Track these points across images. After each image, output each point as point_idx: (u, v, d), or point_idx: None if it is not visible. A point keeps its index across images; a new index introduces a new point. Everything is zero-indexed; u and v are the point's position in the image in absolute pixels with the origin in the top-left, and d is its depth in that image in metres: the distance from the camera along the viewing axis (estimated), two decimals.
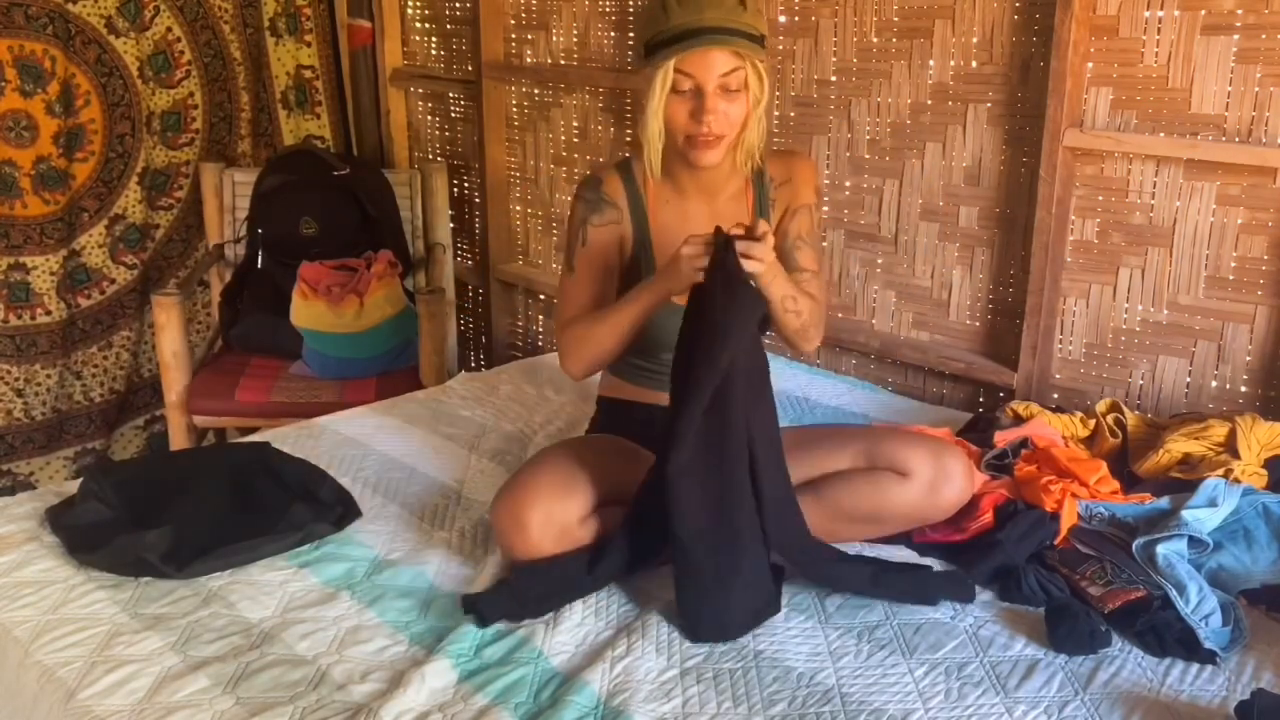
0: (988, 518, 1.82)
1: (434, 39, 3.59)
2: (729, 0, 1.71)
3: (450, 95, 3.58)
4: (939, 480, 1.79)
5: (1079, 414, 2.15)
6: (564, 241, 1.93)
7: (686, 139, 1.77)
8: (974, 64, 2.38)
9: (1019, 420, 2.15)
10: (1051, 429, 2.07)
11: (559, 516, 1.71)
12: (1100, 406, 2.15)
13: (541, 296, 3.45)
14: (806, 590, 1.72)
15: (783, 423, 2.07)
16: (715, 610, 1.59)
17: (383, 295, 2.99)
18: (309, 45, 3.59)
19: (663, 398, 1.91)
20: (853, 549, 1.80)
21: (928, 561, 1.80)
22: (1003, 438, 2.03)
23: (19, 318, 3.14)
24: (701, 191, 1.89)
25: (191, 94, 3.36)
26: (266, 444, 2.08)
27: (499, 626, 1.62)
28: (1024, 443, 2.01)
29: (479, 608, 1.62)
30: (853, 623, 1.63)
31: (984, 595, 1.71)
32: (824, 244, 2.64)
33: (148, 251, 3.36)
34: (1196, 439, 1.96)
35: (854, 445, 1.84)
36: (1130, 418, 2.09)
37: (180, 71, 3.33)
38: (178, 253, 3.44)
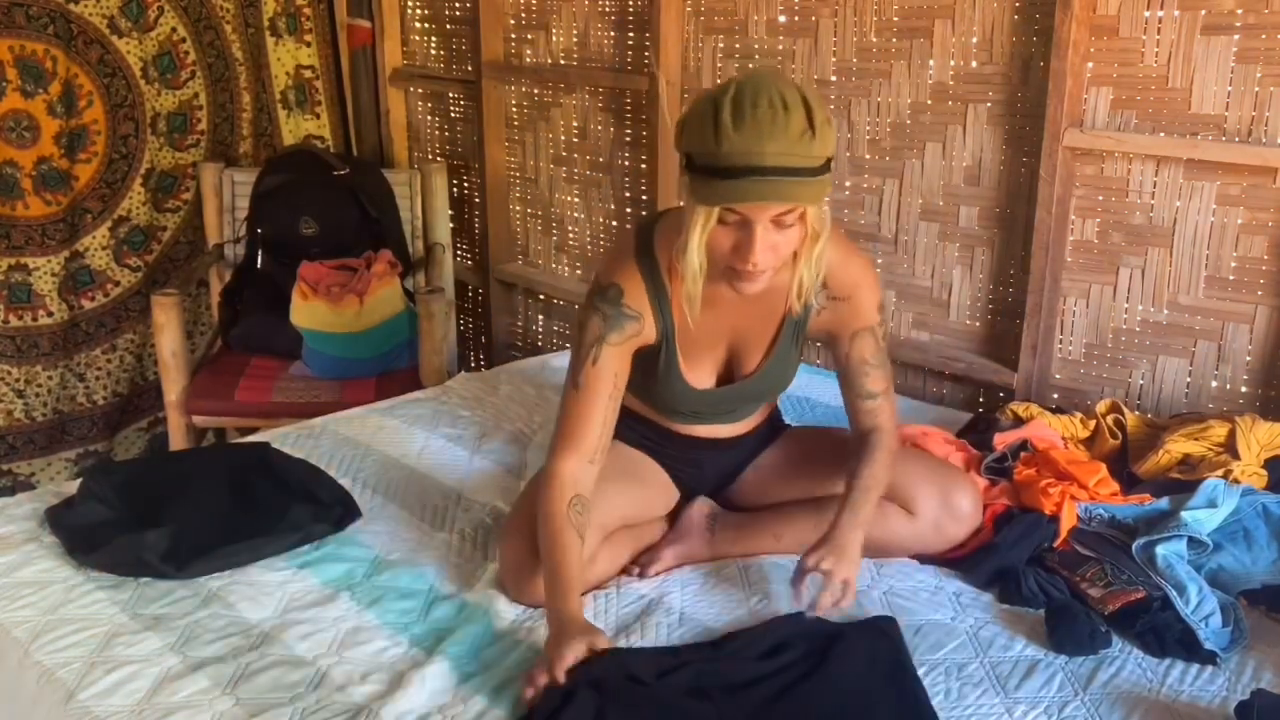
0: (986, 531, 1.82)
1: (434, 39, 3.59)
2: (795, 128, 1.41)
3: (450, 95, 3.57)
4: (945, 520, 1.79)
5: (1078, 415, 2.15)
6: (573, 341, 1.72)
7: (728, 268, 1.54)
8: (974, 64, 2.38)
9: (1019, 422, 2.15)
10: (1051, 430, 2.07)
11: None
12: (1100, 407, 2.15)
13: (541, 296, 3.45)
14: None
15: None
16: None
17: (383, 295, 2.99)
18: (308, 45, 3.59)
19: (669, 423, 1.85)
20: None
21: (926, 569, 1.80)
22: (1002, 439, 2.03)
23: (19, 319, 3.13)
24: (735, 295, 1.62)
25: (196, 95, 3.36)
26: (266, 444, 2.08)
27: (497, 627, 1.62)
28: (1023, 445, 2.01)
29: None
30: None
31: (985, 596, 1.71)
32: None
33: (153, 254, 3.36)
34: (1196, 439, 1.95)
35: None
36: (1130, 418, 2.09)
37: (185, 72, 3.32)
38: (185, 255, 3.43)
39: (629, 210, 3.12)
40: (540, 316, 3.50)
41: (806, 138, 1.42)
